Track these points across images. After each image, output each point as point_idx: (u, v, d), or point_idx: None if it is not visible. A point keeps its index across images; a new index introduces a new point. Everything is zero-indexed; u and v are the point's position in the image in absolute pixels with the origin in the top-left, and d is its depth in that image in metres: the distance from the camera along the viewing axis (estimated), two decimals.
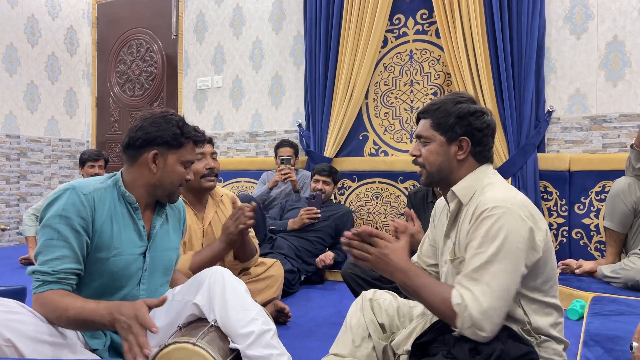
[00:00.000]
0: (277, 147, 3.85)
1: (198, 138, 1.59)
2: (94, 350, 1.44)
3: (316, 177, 3.45)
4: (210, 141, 2.21)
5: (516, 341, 1.22)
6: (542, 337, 1.30)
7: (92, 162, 3.86)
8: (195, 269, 1.93)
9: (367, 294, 1.68)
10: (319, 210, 3.25)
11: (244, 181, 4.44)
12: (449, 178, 1.39)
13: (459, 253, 1.33)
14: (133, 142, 1.49)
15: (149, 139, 1.48)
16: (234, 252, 2.20)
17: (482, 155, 1.39)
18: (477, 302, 1.17)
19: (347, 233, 1.31)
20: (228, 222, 2.01)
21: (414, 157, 1.46)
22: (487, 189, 1.32)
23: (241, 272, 2.29)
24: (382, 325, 1.62)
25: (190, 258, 1.99)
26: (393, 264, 1.28)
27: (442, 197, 1.57)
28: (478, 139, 1.37)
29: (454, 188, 1.37)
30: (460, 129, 1.36)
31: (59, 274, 1.34)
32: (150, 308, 1.28)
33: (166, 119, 1.51)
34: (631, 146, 2.58)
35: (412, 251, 1.50)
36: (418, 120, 1.47)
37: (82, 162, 3.89)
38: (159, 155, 1.50)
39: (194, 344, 1.32)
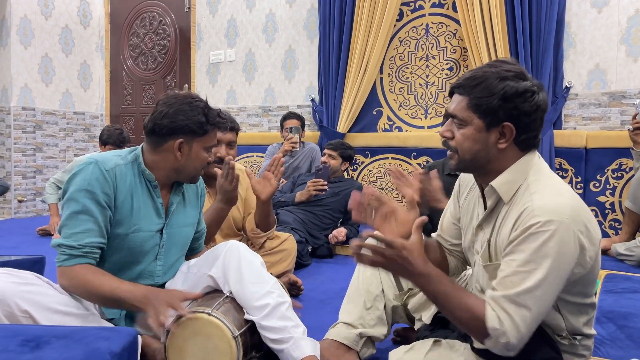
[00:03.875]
0: (284, 119, 3.82)
1: (222, 124, 1.58)
2: (110, 320, 1.48)
3: (324, 151, 3.46)
4: (233, 128, 2.16)
5: (544, 344, 1.15)
6: (577, 337, 1.20)
7: (116, 148, 3.60)
8: None
9: None
10: (325, 182, 3.25)
11: (256, 156, 4.45)
12: (485, 168, 1.20)
13: (495, 258, 1.19)
14: (158, 130, 1.48)
15: (175, 128, 1.47)
16: (257, 221, 2.21)
17: (527, 143, 1.19)
18: (517, 329, 1.05)
19: (354, 243, 1.12)
20: (221, 181, 1.96)
21: (444, 139, 1.25)
22: (534, 187, 1.14)
23: (261, 247, 2.31)
24: (397, 278, 1.55)
25: None
26: (412, 267, 1.12)
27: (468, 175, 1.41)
28: (525, 124, 1.16)
29: (493, 183, 1.18)
30: (503, 113, 1.14)
31: (85, 248, 1.36)
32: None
33: (192, 106, 1.48)
34: (631, 148, 2.63)
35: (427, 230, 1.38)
36: (452, 94, 1.24)
37: (104, 143, 3.72)
38: (184, 143, 1.49)
39: (210, 314, 1.34)
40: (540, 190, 1.12)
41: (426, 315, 1.47)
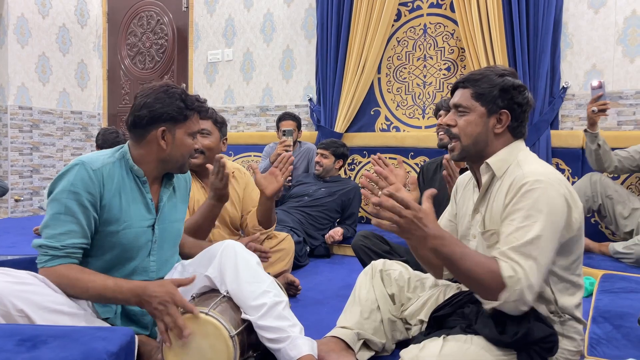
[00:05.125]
0: (279, 120, 3.80)
1: (202, 108, 1.59)
2: (105, 319, 1.48)
3: (317, 151, 3.48)
4: (211, 117, 2.16)
5: (540, 322, 1.23)
6: (567, 315, 1.30)
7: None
8: (189, 232, 1.90)
9: (377, 264, 1.67)
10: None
11: (254, 155, 4.45)
12: (483, 152, 1.38)
13: (491, 225, 1.32)
14: (139, 121, 1.49)
15: (155, 117, 1.48)
16: (259, 218, 2.20)
17: (518, 131, 1.39)
18: (527, 277, 1.15)
19: (373, 200, 1.19)
20: (211, 178, 1.94)
21: (447, 127, 1.41)
22: (523, 162, 1.31)
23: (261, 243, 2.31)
24: (391, 296, 1.62)
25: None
26: (427, 229, 1.18)
27: (464, 175, 1.55)
28: (517, 113, 1.36)
29: (488, 160, 1.36)
30: (502, 101, 1.35)
31: (67, 249, 1.36)
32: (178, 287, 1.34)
33: (168, 94, 1.50)
34: (585, 130, 2.68)
35: None
36: (454, 90, 1.44)
37: (100, 147, 3.66)
38: (166, 131, 1.50)
39: (206, 314, 1.34)
40: (528, 163, 1.31)
41: (421, 313, 1.52)
